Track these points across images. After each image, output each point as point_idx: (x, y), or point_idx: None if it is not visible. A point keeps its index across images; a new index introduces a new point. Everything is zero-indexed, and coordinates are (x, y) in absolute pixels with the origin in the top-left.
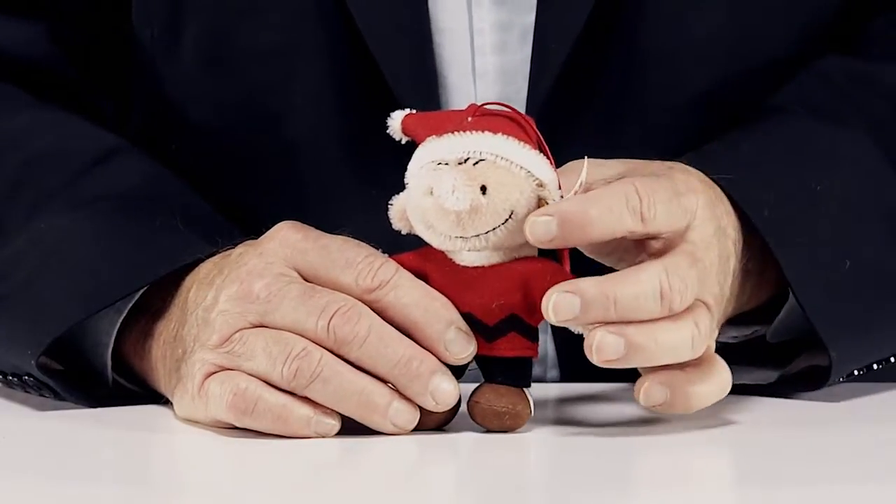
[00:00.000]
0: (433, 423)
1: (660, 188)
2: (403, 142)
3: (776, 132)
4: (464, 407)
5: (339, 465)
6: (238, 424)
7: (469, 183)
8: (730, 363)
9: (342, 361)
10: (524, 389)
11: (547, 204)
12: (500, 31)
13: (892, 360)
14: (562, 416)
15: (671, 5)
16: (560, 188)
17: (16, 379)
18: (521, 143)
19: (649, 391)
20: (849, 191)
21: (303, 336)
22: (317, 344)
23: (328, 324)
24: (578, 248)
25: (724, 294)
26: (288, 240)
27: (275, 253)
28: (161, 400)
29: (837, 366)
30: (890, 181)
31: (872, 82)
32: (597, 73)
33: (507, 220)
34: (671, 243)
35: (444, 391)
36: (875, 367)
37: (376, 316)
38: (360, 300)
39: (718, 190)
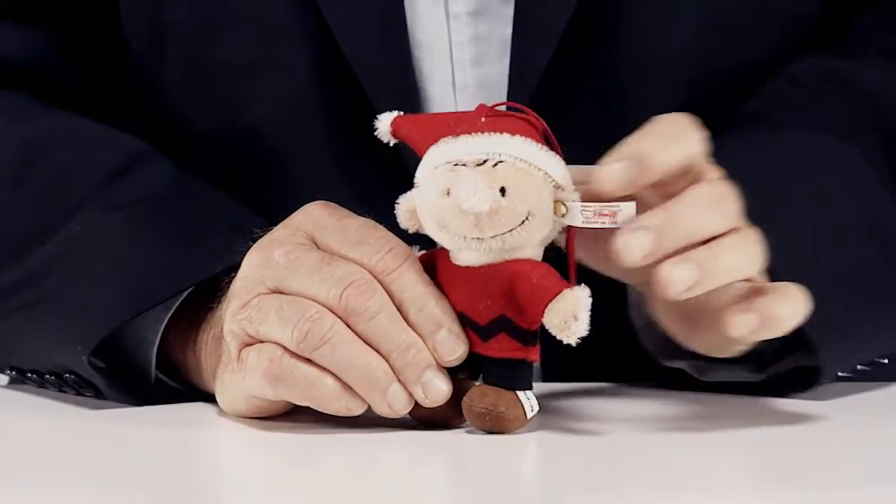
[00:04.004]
0: (427, 415)
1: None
2: (392, 143)
3: (756, 139)
4: None
5: (349, 465)
6: (271, 394)
7: (489, 185)
8: (714, 361)
9: (352, 333)
10: (518, 392)
11: (564, 205)
12: (479, 44)
13: (876, 362)
14: (562, 416)
15: (647, 17)
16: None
17: (53, 378)
18: (539, 146)
19: (737, 321)
20: (832, 195)
21: (315, 302)
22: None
23: (341, 292)
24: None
25: None
26: (313, 214)
27: (298, 225)
28: (200, 397)
29: (827, 366)
30: (872, 187)
31: (850, 84)
32: (574, 85)
33: (524, 221)
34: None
35: (434, 387)
36: (859, 368)
37: (388, 296)
38: None
39: None
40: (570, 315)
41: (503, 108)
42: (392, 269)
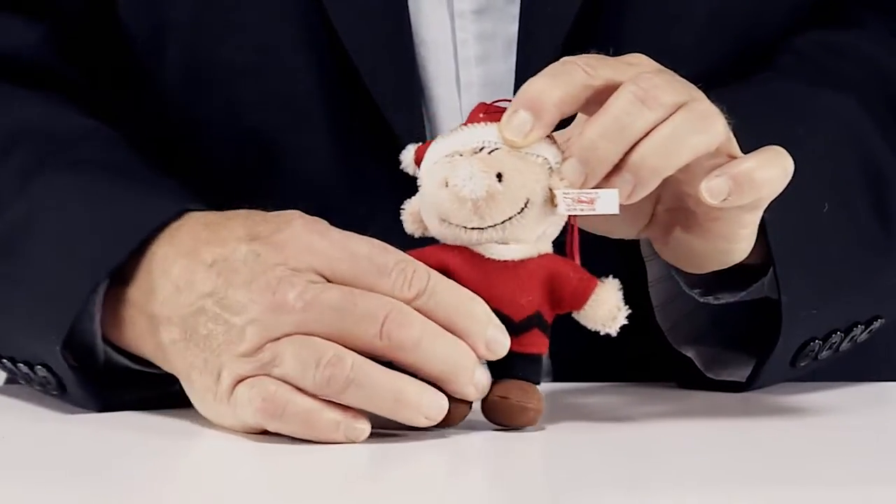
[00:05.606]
0: (459, 417)
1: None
2: (418, 175)
3: (749, 89)
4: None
5: (365, 470)
6: (268, 429)
7: (485, 170)
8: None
9: (372, 362)
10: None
11: (555, 193)
12: (484, 42)
13: (836, 339)
14: (571, 414)
15: (652, 14)
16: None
17: (26, 368)
18: None
19: (711, 186)
20: (830, 142)
21: (353, 343)
22: (368, 350)
23: (381, 330)
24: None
25: None
26: (312, 246)
27: (300, 260)
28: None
29: (788, 312)
30: (869, 136)
31: (846, 51)
32: None
33: (523, 208)
34: None
35: (482, 381)
36: (817, 343)
37: (422, 316)
38: None
39: None
40: (614, 306)
41: (504, 103)
42: (424, 288)
